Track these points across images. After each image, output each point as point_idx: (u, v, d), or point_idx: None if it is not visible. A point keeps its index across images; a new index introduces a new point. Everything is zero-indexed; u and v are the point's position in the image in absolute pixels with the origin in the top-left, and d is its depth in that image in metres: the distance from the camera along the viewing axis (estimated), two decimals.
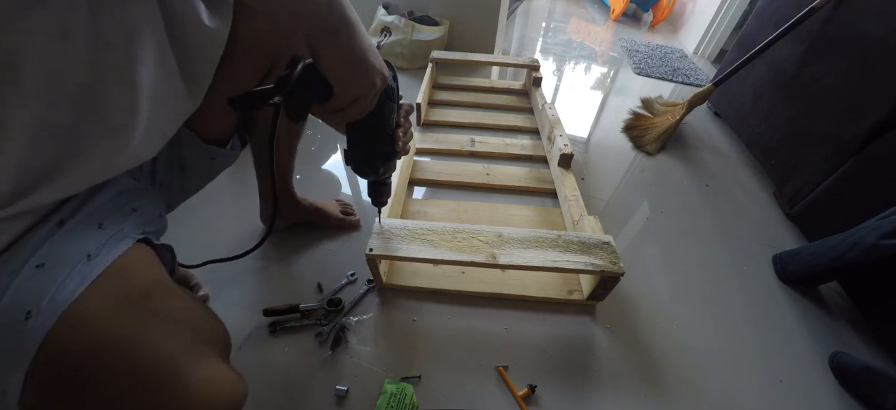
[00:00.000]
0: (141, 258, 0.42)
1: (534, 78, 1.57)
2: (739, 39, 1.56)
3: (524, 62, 1.62)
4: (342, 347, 0.71)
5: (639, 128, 1.48)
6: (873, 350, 0.83)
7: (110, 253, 0.38)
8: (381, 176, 0.61)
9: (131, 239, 0.42)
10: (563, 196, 1.02)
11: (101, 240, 0.39)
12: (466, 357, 0.72)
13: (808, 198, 1.06)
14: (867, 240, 0.78)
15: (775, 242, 1.06)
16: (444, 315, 0.78)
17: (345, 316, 0.76)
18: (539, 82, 1.55)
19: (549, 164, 1.20)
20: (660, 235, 1.04)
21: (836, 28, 1.13)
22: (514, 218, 1.01)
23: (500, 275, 0.84)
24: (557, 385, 0.69)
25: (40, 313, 0.32)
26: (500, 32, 1.93)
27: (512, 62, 1.67)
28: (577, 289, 0.84)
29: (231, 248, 0.86)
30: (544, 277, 0.85)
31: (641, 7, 3.16)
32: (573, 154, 1.07)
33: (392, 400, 0.63)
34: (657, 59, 2.27)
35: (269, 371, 0.67)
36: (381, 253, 0.71)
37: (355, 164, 0.57)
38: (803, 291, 0.94)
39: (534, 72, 1.57)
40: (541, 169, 1.19)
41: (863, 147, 0.95)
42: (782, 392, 0.74)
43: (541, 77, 1.55)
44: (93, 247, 0.37)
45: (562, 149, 1.08)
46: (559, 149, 1.08)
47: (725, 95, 1.57)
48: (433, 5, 1.85)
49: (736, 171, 1.36)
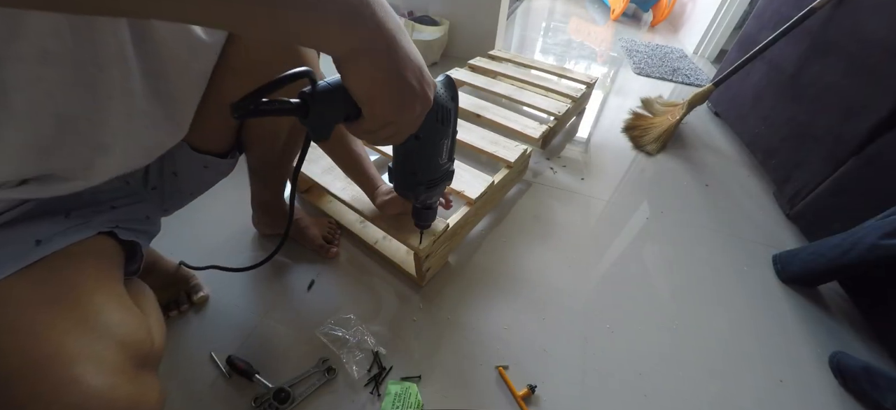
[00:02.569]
0: (96, 251, 0.42)
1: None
2: (739, 39, 1.56)
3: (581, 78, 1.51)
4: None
5: (639, 128, 1.48)
6: (873, 351, 0.83)
7: (60, 241, 0.38)
8: (423, 201, 0.57)
9: (92, 230, 0.41)
10: None
11: (58, 228, 0.39)
12: (466, 356, 0.72)
13: (808, 198, 1.07)
14: (867, 240, 0.78)
15: (775, 242, 1.06)
16: (444, 312, 0.78)
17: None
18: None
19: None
20: (660, 235, 1.04)
21: (836, 28, 1.13)
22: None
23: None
24: (557, 385, 0.69)
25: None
26: (501, 32, 1.93)
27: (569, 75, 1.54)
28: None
29: (232, 249, 0.87)
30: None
31: (641, 7, 3.16)
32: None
33: (397, 400, 0.63)
34: (657, 59, 2.28)
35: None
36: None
37: (396, 186, 0.53)
38: (803, 291, 0.94)
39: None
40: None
41: (863, 147, 0.95)
42: (782, 392, 0.74)
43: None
44: (45, 234, 0.38)
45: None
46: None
47: (725, 95, 1.57)
48: (433, 5, 1.85)
49: (736, 171, 1.36)
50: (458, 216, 0.83)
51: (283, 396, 0.62)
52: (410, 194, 0.55)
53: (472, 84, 1.39)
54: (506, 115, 1.21)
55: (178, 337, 0.70)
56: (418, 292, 0.82)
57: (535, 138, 1.14)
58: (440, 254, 0.82)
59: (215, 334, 0.71)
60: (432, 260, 0.79)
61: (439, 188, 0.55)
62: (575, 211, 1.09)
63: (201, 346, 0.69)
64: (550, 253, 0.94)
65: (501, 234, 0.98)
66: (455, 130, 0.50)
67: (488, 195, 0.91)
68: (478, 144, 1.05)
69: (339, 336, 0.70)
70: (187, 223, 0.87)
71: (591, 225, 1.05)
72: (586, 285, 0.88)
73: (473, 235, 0.96)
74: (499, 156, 1.02)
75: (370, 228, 0.90)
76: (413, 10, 1.87)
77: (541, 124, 1.18)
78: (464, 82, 1.40)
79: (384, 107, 0.35)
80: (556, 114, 1.24)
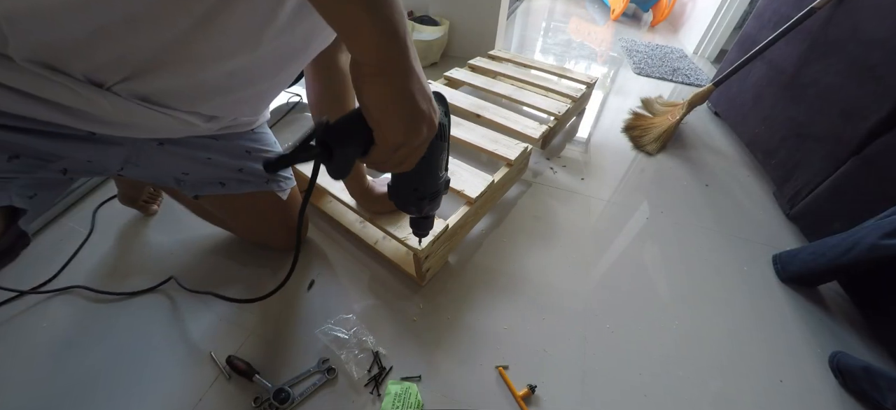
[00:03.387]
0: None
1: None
2: (739, 39, 1.56)
3: (582, 78, 1.49)
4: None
5: (639, 128, 1.48)
6: (873, 351, 0.83)
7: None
8: (424, 213, 0.58)
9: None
10: None
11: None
12: (466, 356, 0.72)
13: (808, 198, 1.06)
14: (867, 240, 0.78)
15: (775, 242, 1.06)
16: (444, 312, 0.78)
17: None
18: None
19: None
20: (660, 235, 1.04)
21: (836, 28, 1.13)
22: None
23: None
24: (557, 385, 0.69)
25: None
26: (500, 32, 1.93)
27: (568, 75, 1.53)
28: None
29: (233, 250, 0.87)
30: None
31: (641, 7, 3.16)
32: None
33: (397, 400, 0.63)
34: (657, 59, 2.28)
35: None
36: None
37: (398, 202, 0.55)
38: (803, 291, 0.94)
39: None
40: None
41: (863, 147, 0.95)
42: (782, 392, 0.74)
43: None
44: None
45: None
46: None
47: (725, 95, 1.57)
48: (433, 5, 1.85)
49: (736, 171, 1.36)
50: (458, 216, 0.83)
51: (284, 396, 0.62)
52: (414, 209, 0.56)
53: (471, 84, 1.39)
54: (506, 115, 1.21)
55: (179, 336, 0.70)
56: (418, 292, 0.82)
57: (535, 138, 1.14)
58: (440, 255, 0.82)
59: (215, 334, 0.71)
60: (432, 261, 0.79)
61: (440, 198, 0.56)
62: (575, 211, 1.09)
63: (201, 346, 0.69)
64: (550, 253, 0.94)
65: (502, 234, 0.98)
66: (449, 141, 0.52)
67: (488, 194, 0.91)
68: (478, 143, 1.05)
69: (339, 336, 0.70)
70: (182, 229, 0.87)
71: (591, 225, 1.05)
72: (586, 285, 0.88)
73: (474, 235, 0.96)
74: (499, 154, 1.02)
75: (370, 228, 0.90)
76: (413, 10, 1.87)
77: (541, 124, 1.18)
78: (463, 82, 1.40)
79: (396, 129, 0.36)
80: (556, 114, 1.24)
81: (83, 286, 0.76)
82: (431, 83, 1.31)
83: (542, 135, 1.14)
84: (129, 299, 0.75)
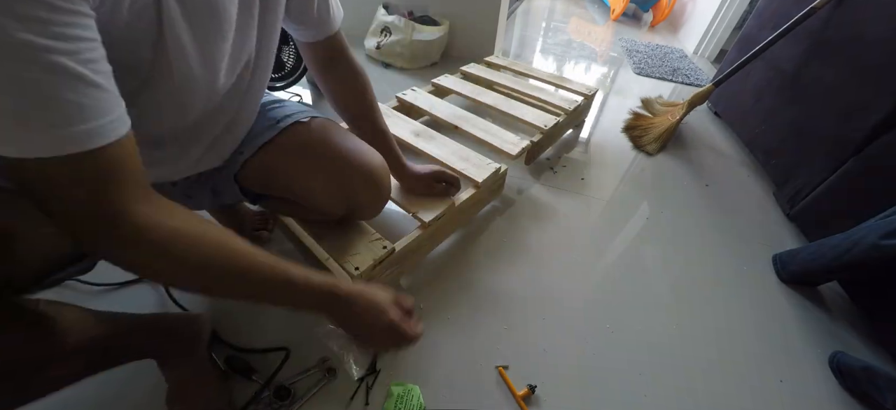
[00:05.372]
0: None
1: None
2: (739, 39, 1.56)
3: (579, 89, 1.37)
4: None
5: (639, 128, 1.48)
6: (873, 351, 0.83)
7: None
8: None
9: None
10: None
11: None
12: (466, 357, 0.72)
13: (808, 198, 1.07)
14: (867, 240, 0.78)
15: (775, 242, 1.06)
16: (445, 313, 0.78)
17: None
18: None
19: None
20: (660, 235, 1.04)
21: (836, 28, 1.13)
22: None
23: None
24: (557, 385, 0.69)
25: None
26: (501, 32, 1.93)
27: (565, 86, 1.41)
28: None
29: None
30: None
31: (641, 7, 3.16)
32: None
33: (399, 402, 0.63)
34: (657, 59, 2.27)
35: None
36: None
37: None
38: (803, 291, 0.94)
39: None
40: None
41: (863, 147, 0.95)
42: (782, 392, 0.74)
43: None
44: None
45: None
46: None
47: (725, 95, 1.57)
48: (433, 5, 1.85)
49: (736, 171, 1.36)
50: (408, 239, 0.77)
51: (283, 393, 0.63)
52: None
53: (459, 92, 1.30)
54: (487, 128, 1.10)
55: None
56: (418, 292, 0.82)
57: (512, 155, 1.02)
58: (386, 278, 0.75)
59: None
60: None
61: None
62: (575, 210, 1.09)
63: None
64: (550, 254, 0.94)
65: (501, 234, 0.98)
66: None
67: (447, 216, 0.83)
68: (447, 160, 0.94)
69: (339, 335, 0.70)
70: None
71: (591, 225, 1.05)
72: (586, 285, 0.88)
73: (474, 235, 0.96)
74: (467, 175, 0.91)
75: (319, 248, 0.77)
76: (413, 10, 1.87)
77: (525, 138, 1.08)
78: (452, 90, 1.32)
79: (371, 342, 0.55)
80: (542, 129, 1.13)
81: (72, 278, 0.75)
82: (422, 88, 1.29)
83: (524, 150, 1.05)
84: (116, 290, 0.74)
